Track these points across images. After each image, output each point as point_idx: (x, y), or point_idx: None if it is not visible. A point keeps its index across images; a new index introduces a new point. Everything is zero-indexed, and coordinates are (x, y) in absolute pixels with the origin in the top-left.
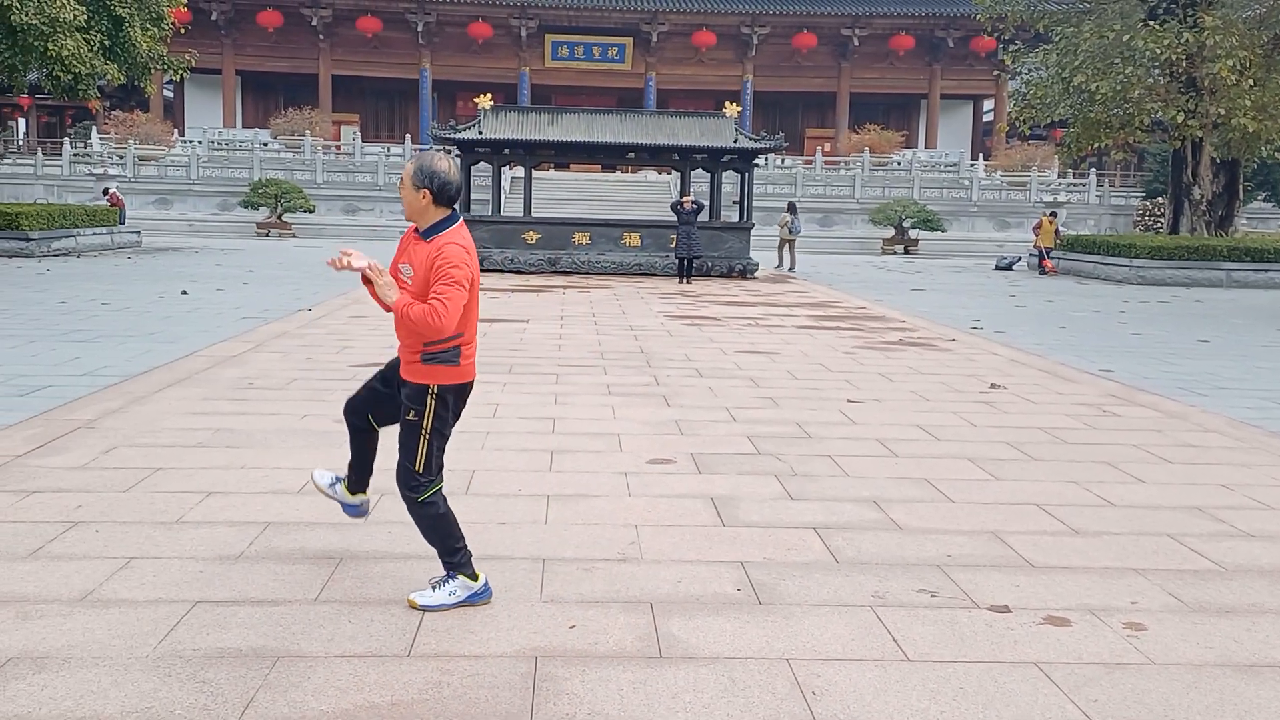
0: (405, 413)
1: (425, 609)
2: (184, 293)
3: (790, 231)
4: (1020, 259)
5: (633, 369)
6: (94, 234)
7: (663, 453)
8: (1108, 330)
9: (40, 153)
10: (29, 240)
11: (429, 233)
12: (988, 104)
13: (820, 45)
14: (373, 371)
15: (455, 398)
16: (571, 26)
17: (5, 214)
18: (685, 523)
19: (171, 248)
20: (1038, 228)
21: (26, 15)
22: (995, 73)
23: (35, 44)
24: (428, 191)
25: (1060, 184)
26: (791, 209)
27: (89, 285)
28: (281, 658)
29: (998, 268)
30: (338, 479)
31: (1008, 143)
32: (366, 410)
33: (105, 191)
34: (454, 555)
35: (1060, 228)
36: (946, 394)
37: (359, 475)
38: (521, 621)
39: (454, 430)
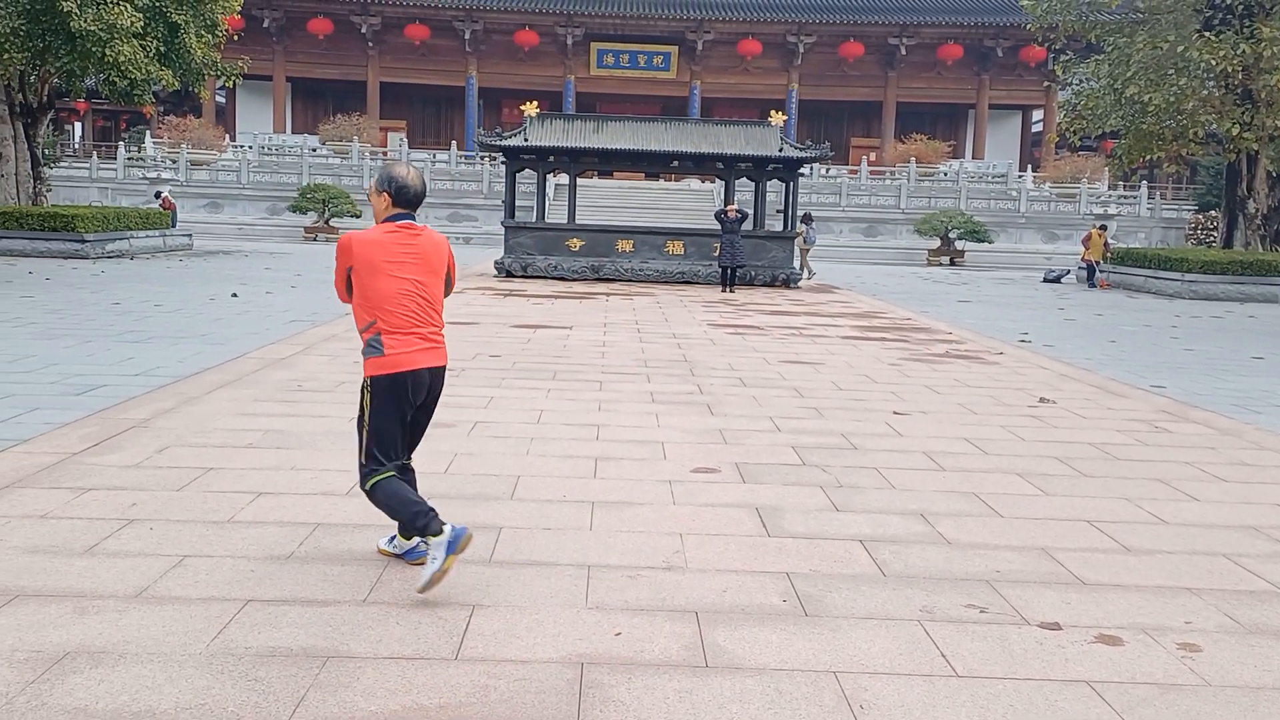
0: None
1: (426, 584)
2: (234, 295)
3: (805, 241)
4: (1069, 272)
5: (676, 377)
6: (147, 236)
7: (707, 462)
8: (1159, 345)
9: (95, 156)
10: (84, 242)
11: None
12: (1037, 114)
13: (867, 54)
14: None
15: (389, 392)
16: (617, 35)
17: (61, 216)
18: (730, 532)
19: (222, 251)
20: (1087, 240)
21: (85, 21)
22: (1045, 83)
23: (93, 50)
24: (387, 195)
25: (1110, 196)
26: (807, 219)
27: (142, 287)
28: (331, 658)
29: (1046, 280)
30: (390, 538)
31: (1057, 154)
32: (410, 447)
33: (158, 195)
34: (415, 521)
35: (1110, 241)
36: (994, 407)
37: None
38: (567, 628)
39: (499, 435)
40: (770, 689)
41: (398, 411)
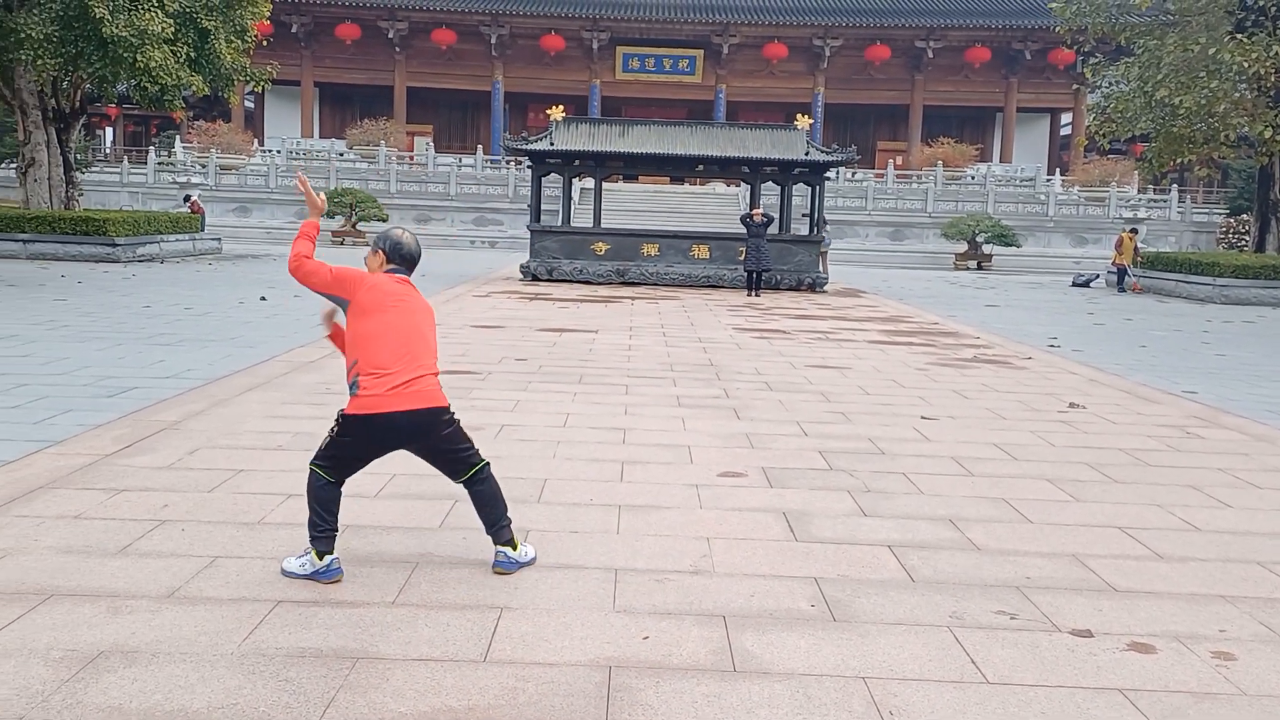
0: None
1: (284, 572)
2: (263, 299)
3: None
4: (1098, 276)
5: (702, 381)
6: (177, 240)
7: (733, 466)
8: (1190, 350)
9: (126, 161)
10: (115, 246)
11: None
12: (1065, 118)
13: (893, 57)
14: (440, 380)
15: (355, 432)
16: (643, 39)
17: (93, 220)
18: (757, 537)
19: (250, 254)
20: (1119, 244)
21: (117, 27)
22: (1074, 86)
23: (125, 55)
24: (381, 251)
25: (1140, 200)
26: (821, 222)
27: (172, 290)
28: (361, 659)
29: (1075, 285)
30: (501, 553)
31: (1086, 157)
32: (451, 475)
33: (187, 199)
34: (314, 530)
35: (1139, 245)
36: (1023, 412)
37: (498, 519)
38: (595, 631)
39: (526, 439)
40: (799, 694)
41: (361, 451)
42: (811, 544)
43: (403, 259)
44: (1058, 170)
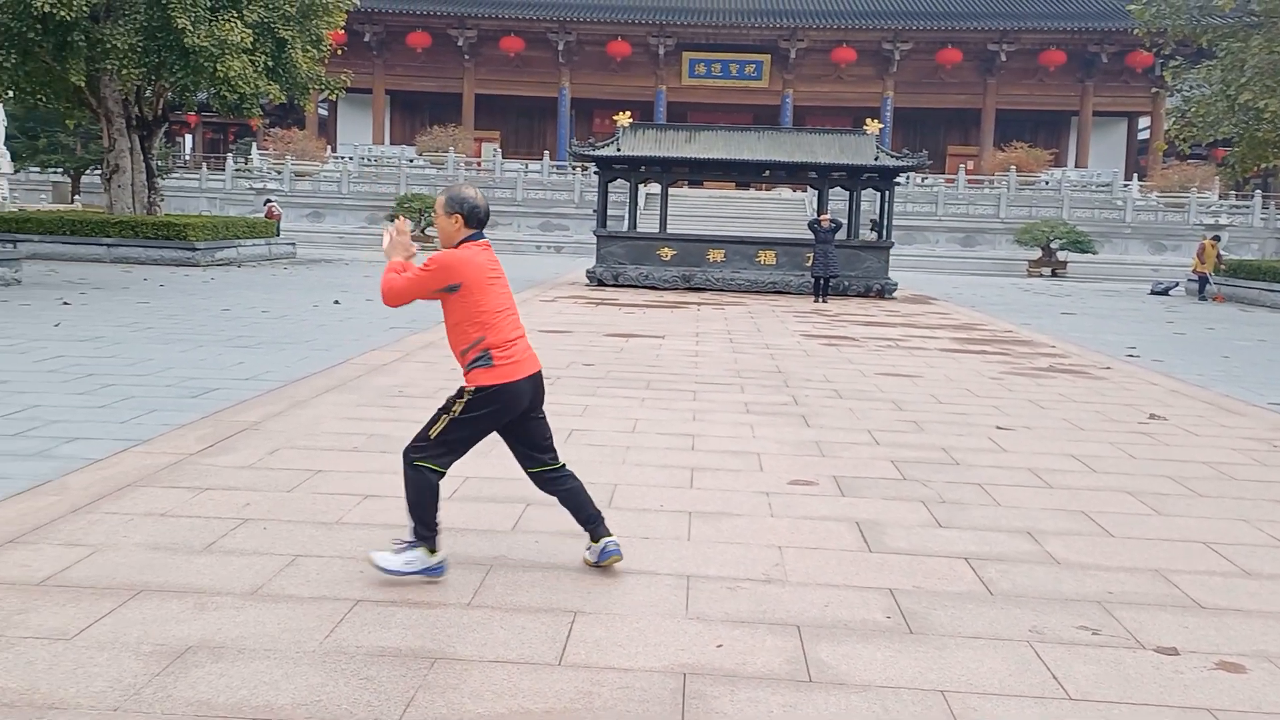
0: (447, 400)
1: (385, 571)
2: (336, 302)
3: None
4: (1178, 284)
5: (770, 388)
6: (253, 245)
7: (804, 474)
8: (1275, 362)
9: (205, 167)
10: (195, 250)
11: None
12: (1143, 121)
13: (965, 61)
14: None
15: (489, 403)
16: (709, 44)
17: (174, 225)
18: (830, 546)
19: (324, 259)
20: (1201, 252)
21: (199, 38)
22: (1153, 89)
23: (205, 65)
24: (459, 215)
25: (1221, 206)
26: (870, 225)
27: (249, 294)
28: (439, 659)
29: (1153, 293)
30: (595, 546)
31: (1165, 162)
32: (532, 466)
33: (266, 204)
34: (426, 528)
35: (1221, 252)
36: (1102, 423)
37: (592, 516)
38: (669, 637)
39: (595, 444)
40: (876, 706)
41: (487, 425)
42: (886, 554)
43: (480, 222)
44: (1135, 175)
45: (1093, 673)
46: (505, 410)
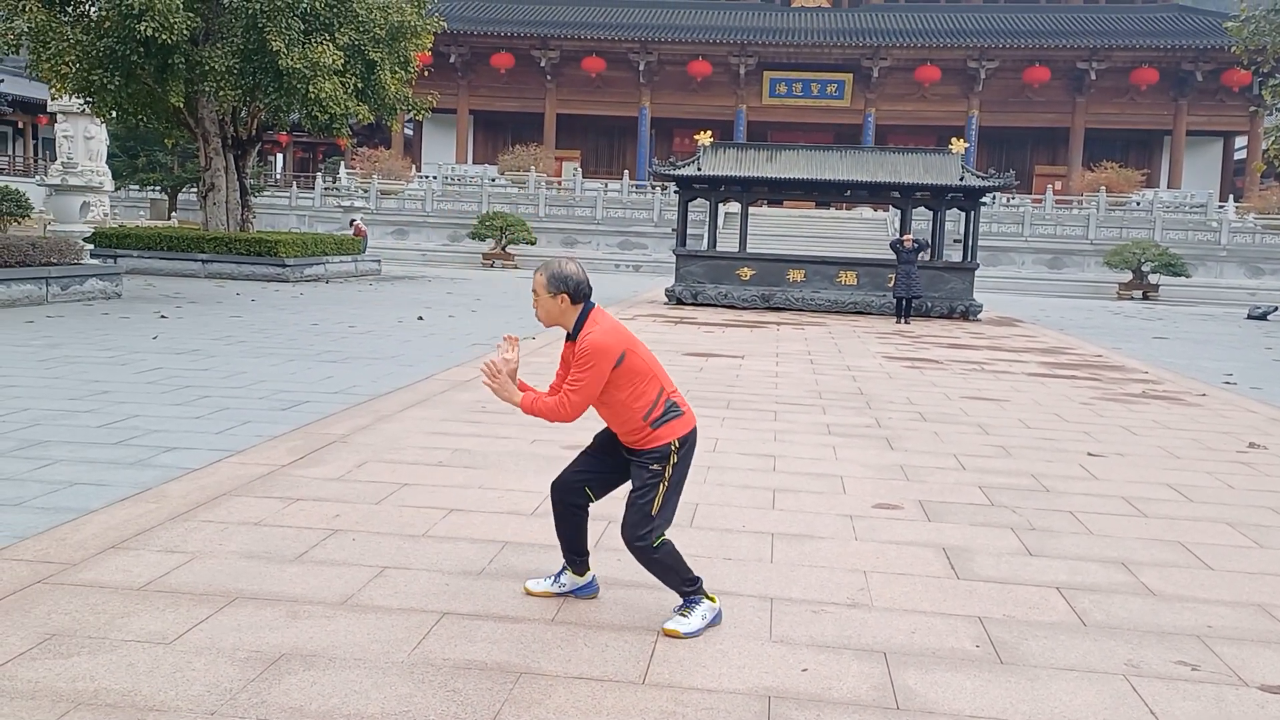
0: (645, 473)
1: (687, 635)
2: (420, 319)
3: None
4: (1276, 308)
5: (852, 410)
6: (340, 262)
7: (889, 497)
8: None
9: (295, 186)
10: (285, 266)
11: (575, 332)
12: (1240, 141)
13: (1053, 79)
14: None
15: (689, 448)
16: (790, 63)
17: (265, 242)
18: (916, 572)
19: (407, 276)
20: None
21: (292, 60)
22: (1250, 108)
23: (298, 86)
24: (565, 295)
25: None
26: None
27: (337, 309)
28: (524, 674)
29: (1250, 317)
30: (556, 576)
31: (1263, 183)
32: (583, 486)
33: (351, 222)
34: (692, 584)
35: None
36: (1198, 451)
37: (580, 553)
38: (752, 660)
39: None
40: None
41: (686, 473)
42: (974, 582)
43: (585, 296)
44: (1231, 196)
45: (1193, 710)
46: (692, 453)
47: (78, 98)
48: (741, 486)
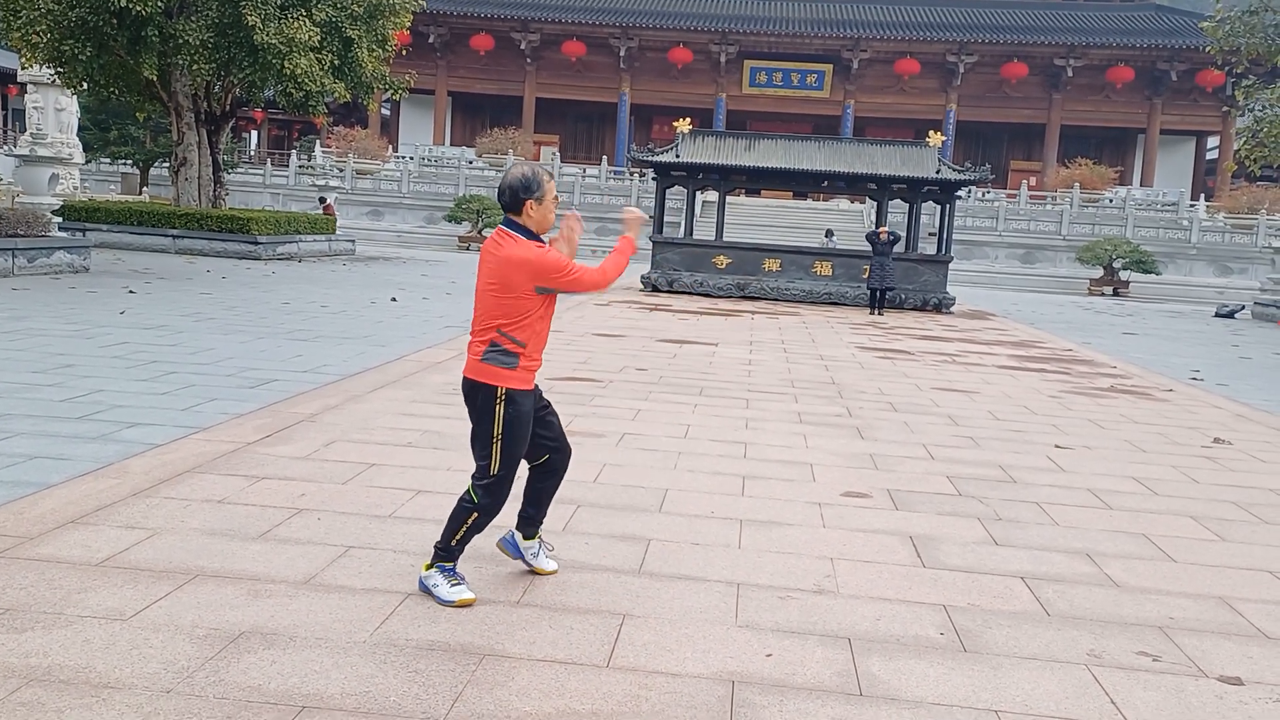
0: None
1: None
2: (393, 300)
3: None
4: (1244, 307)
5: (824, 399)
6: (314, 241)
7: (857, 486)
8: None
9: (269, 163)
10: (257, 244)
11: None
12: (1212, 141)
13: (1030, 75)
14: (563, 387)
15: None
16: (771, 53)
17: (238, 219)
18: (883, 560)
19: (382, 257)
20: None
21: (268, 35)
22: (1223, 108)
23: (274, 62)
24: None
25: None
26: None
27: (309, 288)
28: (487, 656)
29: (1218, 315)
30: (508, 540)
31: (1234, 183)
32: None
33: (321, 200)
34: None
35: None
36: (1164, 446)
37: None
38: (717, 644)
39: (647, 448)
40: None
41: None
42: (940, 570)
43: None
44: (1202, 195)
45: (1153, 699)
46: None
47: (48, 68)
48: (712, 473)
